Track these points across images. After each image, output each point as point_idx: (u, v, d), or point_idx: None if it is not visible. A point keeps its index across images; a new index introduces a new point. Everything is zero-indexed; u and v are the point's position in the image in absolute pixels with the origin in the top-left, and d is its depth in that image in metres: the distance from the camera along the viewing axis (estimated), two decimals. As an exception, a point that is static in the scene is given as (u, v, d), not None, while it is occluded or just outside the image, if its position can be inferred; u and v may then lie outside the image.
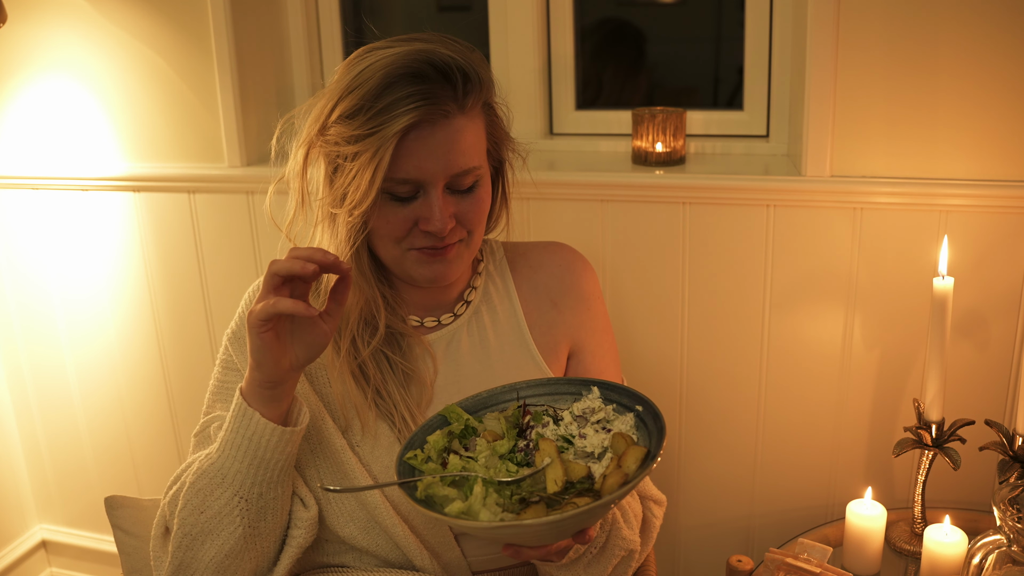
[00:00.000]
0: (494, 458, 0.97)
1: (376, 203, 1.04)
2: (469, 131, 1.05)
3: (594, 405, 1.01)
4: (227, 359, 1.18)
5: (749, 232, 1.58)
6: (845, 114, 1.49)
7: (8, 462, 2.26)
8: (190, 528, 1.04)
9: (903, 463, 1.63)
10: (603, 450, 0.96)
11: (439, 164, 1.03)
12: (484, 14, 1.85)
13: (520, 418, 1.02)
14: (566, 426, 0.99)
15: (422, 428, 1.02)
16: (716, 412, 1.70)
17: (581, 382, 1.05)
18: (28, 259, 2.10)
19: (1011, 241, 1.47)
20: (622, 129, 1.83)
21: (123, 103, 1.90)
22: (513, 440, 0.99)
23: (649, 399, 0.99)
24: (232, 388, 1.16)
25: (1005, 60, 1.40)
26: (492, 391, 1.07)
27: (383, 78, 1.00)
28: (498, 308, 1.22)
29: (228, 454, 1.02)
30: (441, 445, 1.00)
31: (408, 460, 0.98)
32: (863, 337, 1.58)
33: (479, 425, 1.03)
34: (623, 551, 1.13)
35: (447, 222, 1.05)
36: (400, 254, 1.09)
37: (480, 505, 0.91)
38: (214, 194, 1.88)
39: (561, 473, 0.93)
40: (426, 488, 0.94)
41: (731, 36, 1.79)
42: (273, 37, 1.92)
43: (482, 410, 1.06)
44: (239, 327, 1.17)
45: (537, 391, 1.07)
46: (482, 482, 0.93)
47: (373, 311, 1.12)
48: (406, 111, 0.99)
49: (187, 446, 2.11)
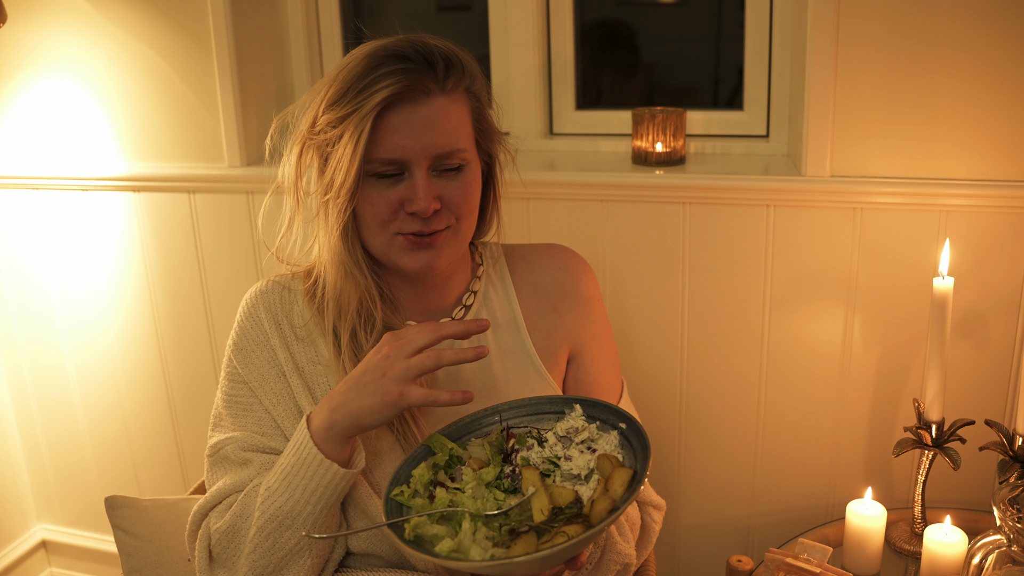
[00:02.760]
0: (481, 487, 0.96)
1: (360, 182, 1.05)
2: (452, 112, 1.06)
3: (577, 424, 1.00)
4: (232, 372, 1.17)
5: (749, 232, 1.58)
6: (845, 114, 1.49)
7: (8, 462, 2.26)
8: (262, 570, 1.04)
9: (903, 463, 1.63)
10: (589, 471, 0.96)
11: (420, 141, 1.04)
12: (484, 14, 1.85)
13: (504, 442, 1.02)
14: (551, 447, 0.99)
15: (406, 461, 1.01)
16: (716, 412, 1.70)
17: (563, 400, 1.05)
18: (28, 259, 2.10)
19: (1011, 241, 1.47)
20: (622, 129, 1.83)
21: (123, 103, 1.90)
22: (499, 466, 0.99)
23: (632, 416, 0.99)
24: (242, 402, 1.15)
25: (1005, 60, 1.40)
26: (474, 415, 1.07)
27: (365, 60, 1.04)
28: (498, 312, 1.21)
29: (300, 498, 1.02)
30: (427, 478, 0.99)
31: (395, 497, 0.97)
32: (863, 337, 1.58)
33: (464, 453, 1.02)
34: (618, 565, 1.13)
35: (431, 203, 1.05)
36: (387, 240, 1.09)
37: (470, 541, 0.90)
38: (214, 194, 1.88)
39: (547, 502, 0.93)
40: (414, 528, 0.93)
41: (731, 36, 1.79)
42: (273, 37, 1.92)
43: (465, 435, 1.05)
44: (241, 337, 1.17)
45: (519, 412, 1.06)
46: (470, 517, 0.92)
47: (370, 305, 1.12)
48: (385, 86, 1.01)
49: (187, 446, 2.11)
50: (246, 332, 1.16)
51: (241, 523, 1.07)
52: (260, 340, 1.15)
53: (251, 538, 1.04)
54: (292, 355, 1.15)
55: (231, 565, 1.07)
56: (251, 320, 1.17)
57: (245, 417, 1.14)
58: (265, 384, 1.14)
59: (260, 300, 1.18)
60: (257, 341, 1.15)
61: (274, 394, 1.13)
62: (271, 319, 1.16)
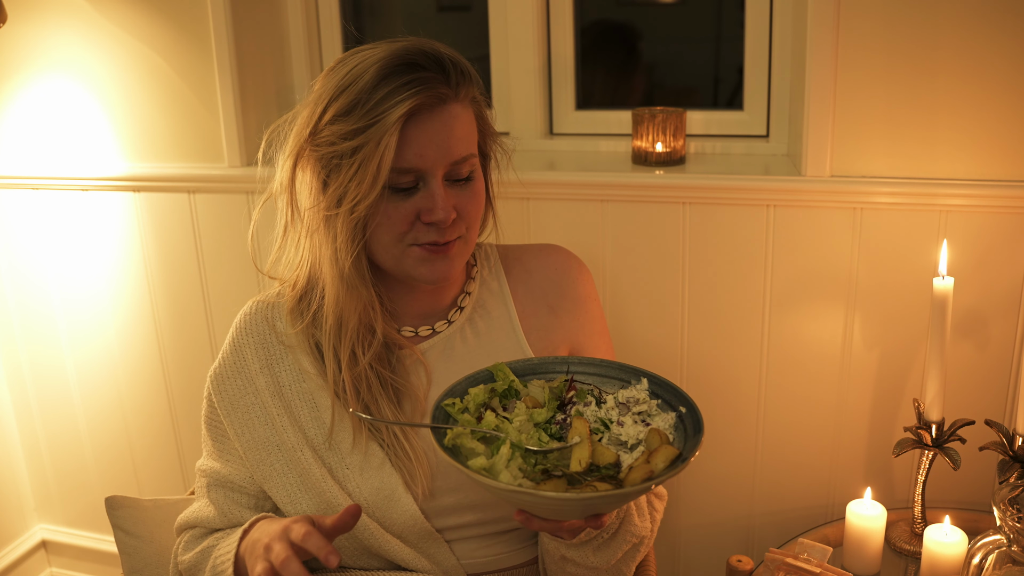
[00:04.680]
0: (529, 424, 0.97)
1: (380, 197, 1.04)
2: (464, 118, 1.06)
3: (640, 396, 1.01)
4: (211, 412, 1.19)
5: (749, 232, 1.58)
6: (845, 114, 1.49)
7: (8, 462, 2.26)
8: None
9: (903, 463, 1.63)
10: (637, 442, 0.96)
11: (439, 151, 1.03)
12: (484, 14, 1.85)
13: (564, 392, 1.03)
14: (607, 410, 1.00)
15: (467, 378, 1.03)
16: (716, 412, 1.70)
17: (633, 370, 1.05)
18: (28, 259, 2.10)
19: (1011, 241, 1.47)
20: (622, 129, 1.83)
21: (123, 103, 1.90)
22: (552, 411, 1.00)
23: (695, 405, 0.99)
24: (219, 444, 1.18)
25: (1005, 60, 1.40)
26: (544, 359, 1.08)
27: (378, 71, 1.01)
28: (492, 313, 1.21)
29: None
30: (481, 399, 1.00)
31: (445, 407, 0.99)
32: (863, 337, 1.58)
33: (523, 389, 1.03)
34: (635, 538, 1.13)
35: (450, 212, 1.05)
36: (400, 253, 1.08)
37: (503, 466, 0.92)
38: (214, 194, 1.88)
39: (587, 454, 0.94)
40: (455, 437, 0.94)
41: (731, 36, 1.79)
42: (273, 37, 1.92)
43: (530, 375, 1.06)
44: (223, 368, 1.17)
45: (588, 369, 1.07)
46: (510, 444, 0.93)
47: (371, 316, 1.11)
48: (407, 97, 1.00)
49: (187, 446, 2.11)
50: (227, 368, 1.18)
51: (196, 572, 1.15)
52: (242, 380, 1.16)
53: None
54: (275, 376, 1.15)
55: None
56: (235, 355, 1.17)
57: (222, 444, 1.18)
58: (236, 422, 1.15)
59: (246, 326, 1.18)
60: (237, 381, 1.16)
61: (245, 425, 1.15)
62: (259, 341, 1.16)
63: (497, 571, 1.18)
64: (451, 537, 1.15)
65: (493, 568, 1.17)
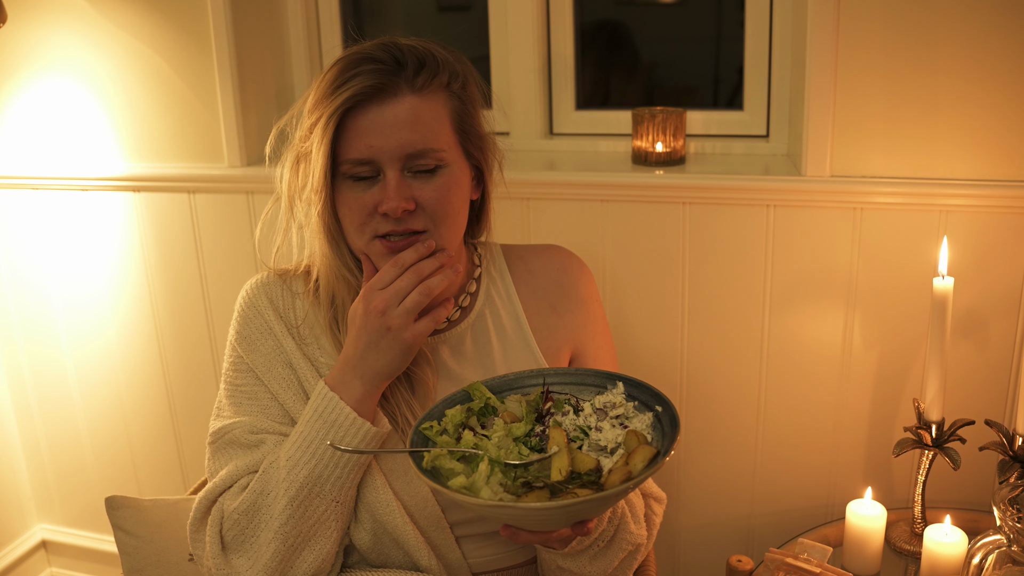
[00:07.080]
0: (508, 439, 0.98)
1: (331, 184, 1.07)
2: (424, 111, 1.06)
3: (616, 400, 1.02)
4: (237, 360, 1.17)
5: (749, 232, 1.58)
6: (845, 114, 1.49)
7: (8, 462, 2.26)
8: (293, 541, 1.04)
9: (903, 463, 1.63)
10: (616, 445, 0.97)
11: (390, 141, 1.04)
12: (484, 14, 1.85)
13: (541, 404, 1.03)
14: (585, 417, 1.00)
15: (443, 401, 1.04)
16: (716, 412, 1.70)
17: (608, 375, 1.06)
18: (28, 259, 2.10)
19: (1011, 241, 1.47)
20: (622, 129, 1.83)
21: (123, 103, 1.90)
22: (530, 424, 1.01)
23: (671, 402, 1.00)
24: (247, 391, 1.15)
25: (1005, 60, 1.40)
26: (519, 373, 1.09)
27: (337, 66, 1.06)
28: (501, 311, 1.22)
29: (328, 462, 1.04)
30: (458, 420, 1.01)
31: (423, 430, 1.00)
32: (863, 337, 1.58)
33: (500, 405, 1.04)
34: (630, 545, 1.13)
35: (401, 203, 1.04)
36: (365, 245, 1.10)
37: (483, 483, 0.93)
38: (214, 194, 1.88)
39: (567, 463, 0.94)
40: (433, 459, 0.95)
41: (731, 36, 1.79)
42: (273, 37, 1.92)
43: (506, 391, 1.07)
44: (244, 326, 1.17)
45: (563, 379, 1.08)
46: (488, 461, 0.94)
47: None
48: (349, 88, 1.03)
49: (187, 446, 2.11)
50: (249, 321, 1.17)
51: (262, 500, 1.06)
52: (263, 328, 1.16)
53: (280, 511, 1.04)
54: (298, 345, 1.16)
55: (248, 548, 1.06)
56: (252, 309, 1.18)
57: (251, 405, 1.14)
58: (272, 370, 1.14)
59: (261, 290, 1.19)
60: (260, 329, 1.16)
61: (282, 379, 1.14)
62: (273, 308, 1.17)
63: (499, 570, 1.18)
64: (457, 533, 1.15)
65: (494, 567, 1.18)
